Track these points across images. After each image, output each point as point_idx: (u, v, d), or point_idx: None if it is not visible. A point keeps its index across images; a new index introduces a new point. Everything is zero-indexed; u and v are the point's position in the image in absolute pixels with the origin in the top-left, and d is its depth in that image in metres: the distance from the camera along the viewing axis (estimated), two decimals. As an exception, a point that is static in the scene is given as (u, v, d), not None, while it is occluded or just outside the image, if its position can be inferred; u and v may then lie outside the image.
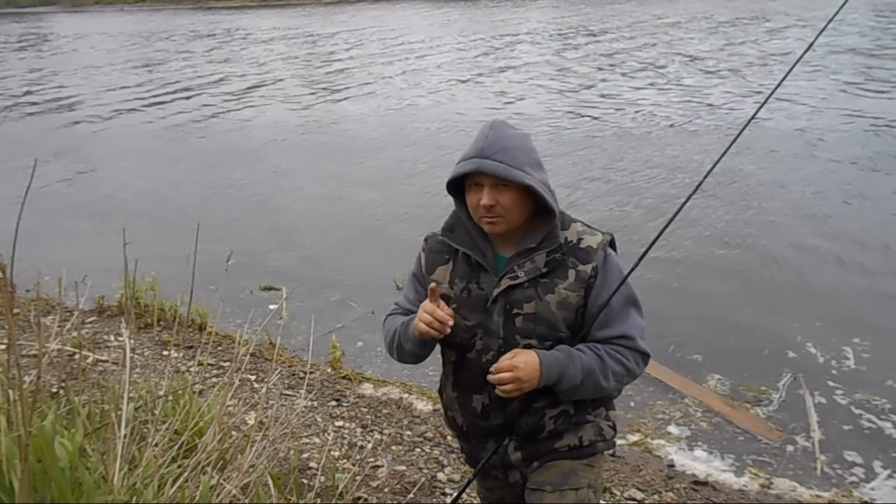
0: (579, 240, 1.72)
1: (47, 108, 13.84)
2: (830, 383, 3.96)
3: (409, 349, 1.80)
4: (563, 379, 1.67)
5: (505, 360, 1.65)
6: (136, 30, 31.11)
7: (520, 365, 1.63)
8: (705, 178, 1.91)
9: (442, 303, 1.71)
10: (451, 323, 1.68)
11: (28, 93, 15.59)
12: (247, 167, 9.10)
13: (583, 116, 10.73)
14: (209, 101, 13.70)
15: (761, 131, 9.05)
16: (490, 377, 1.66)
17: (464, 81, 14.33)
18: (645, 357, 1.76)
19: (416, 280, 1.89)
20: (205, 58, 20.52)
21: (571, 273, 1.69)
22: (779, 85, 2.13)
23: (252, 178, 8.63)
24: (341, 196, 7.81)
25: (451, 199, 1.80)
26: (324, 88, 14.46)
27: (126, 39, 27.27)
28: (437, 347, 1.85)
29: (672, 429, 3.57)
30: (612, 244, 1.75)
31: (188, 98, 14.05)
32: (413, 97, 12.91)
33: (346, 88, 14.20)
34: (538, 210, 1.71)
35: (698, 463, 3.28)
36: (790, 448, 3.43)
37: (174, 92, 14.83)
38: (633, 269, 1.73)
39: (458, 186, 1.76)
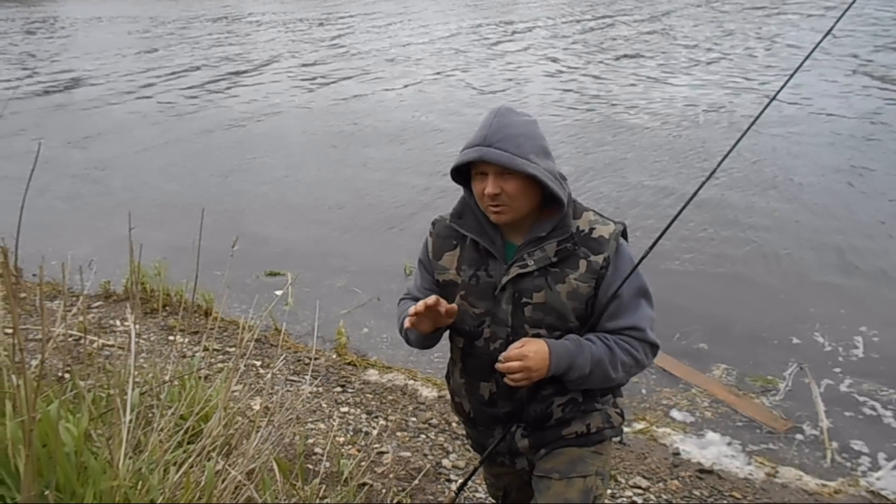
0: (591, 229, 1.69)
1: (53, 91, 13.83)
2: (838, 372, 3.95)
3: (413, 337, 1.80)
4: (571, 369, 1.65)
5: (514, 349, 1.63)
6: (143, 15, 31.00)
7: (529, 354, 1.62)
8: (714, 171, 1.88)
9: (442, 301, 1.68)
10: (418, 310, 1.64)
11: (35, 76, 15.57)
12: (253, 152, 9.08)
13: (599, 101, 10.65)
14: (216, 86, 13.65)
15: (779, 118, 8.98)
16: (499, 366, 1.64)
17: (477, 67, 14.22)
18: (654, 348, 1.74)
19: (422, 266, 1.87)
20: (213, 43, 20.44)
21: (582, 263, 1.67)
22: (786, 82, 2.09)
23: (258, 164, 8.61)
24: (348, 181, 7.78)
25: (459, 185, 1.79)
26: (333, 74, 14.39)
27: (134, 24, 27.19)
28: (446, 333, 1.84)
29: (677, 417, 3.57)
30: (624, 234, 1.73)
31: (195, 84, 14.00)
32: (426, 83, 12.80)
33: (356, 74, 14.12)
34: (547, 198, 1.69)
35: (704, 451, 3.28)
36: (797, 437, 3.41)
37: (181, 77, 14.78)
38: (642, 259, 1.71)
39: (465, 173, 1.74)
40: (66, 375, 2.41)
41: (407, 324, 1.69)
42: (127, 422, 1.82)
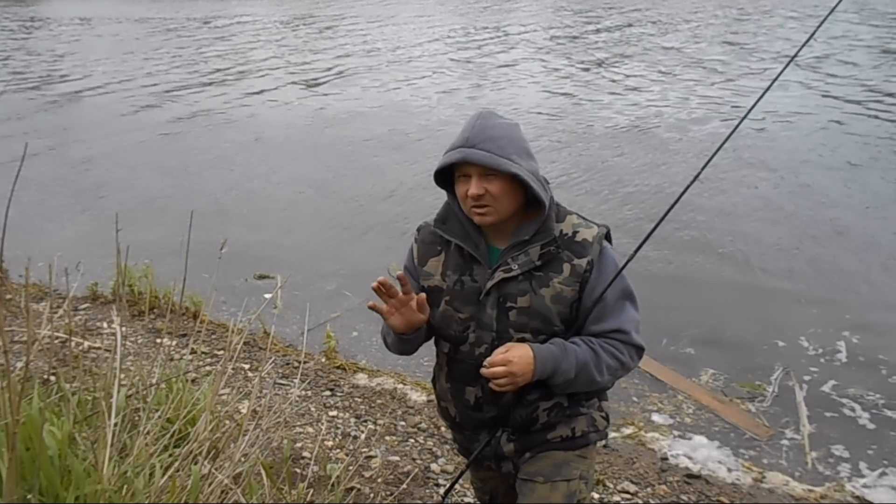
0: (574, 233, 1.69)
1: (43, 92, 13.74)
2: (824, 378, 3.97)
3: (391, 341, 1.80)
4: (556, 373, 1.66)
5: (499, 354, 1.63)
6: (130, 15, 30.87)
7: (514, 359, 1.62)
8: (697, 176, 1.88)
9: (412, 293, 1.68)
10: (379, 282, 1.64)
11: (24, 76, 15.46)
12: (244, 156, 9.06)
13: (586, 107, 10.70)
14: (206, 88, 13.61)
15: (770, 121, 9.05)
16: (483, 371, 1.64)
17: (472, 74, 14.25)
18: (639, 351, 1.75)
19: (407, 273, 1.86)
20: (201, 44, 20.38)
21: (566, 267, 1.67)
22: (766, 91, 2.08)
23: (249, 166, 8.58)
24: (339, 185, 7.77)
25: (442, 189, 1.78)
26: (324, 77, 14.38)
27: (120, 25, 27.06)
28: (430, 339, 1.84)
29: (666, 422, 3.58)
30: (607, 237, 1.73)
31: (185, 87, 13.95)
32: (419, 89, 12.79)
33: (347, 78, 14.11)
34: (530, 201, 1.69)
35: (692, 456, 3.29)
36: (783, 442, 3.44)
37: (172, 80, 14.72)
38: (627, 263, 1.71)
39: (448, 178, 1.73)
40: (52, 378, 2.39)
41: (370, 303, 1.67)
42: (112, 424, 1.81)
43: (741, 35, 17.59)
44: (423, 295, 1.69)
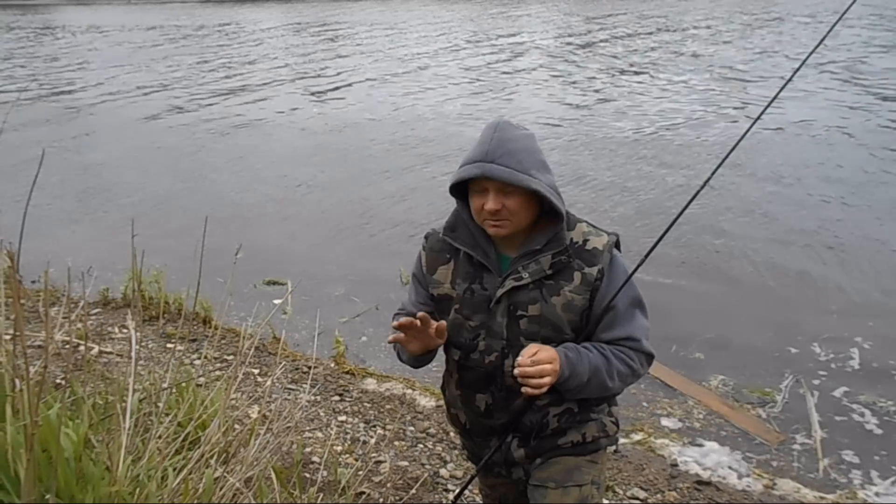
0: (585, 241, 1.69)
1: (57, 97, 13.88)
2: (835, 384, 3.95)
3: (406, 358, 1.80)
4: (572, 376, 1.65)
5: (537, 353, 1.57)
6: (148, 23, 31.13)
7: (556, 357, 1.59)
8: (705, 183, 1.88)
9: (430, 322, 1.65)
10: (402, 323, 1.62)
11: (39, 83, 15.62)
12: (254, 161, 9.11)
13: (593, 115, 10.71)
14: (218, 95, 13.71)
15: (775, 126, 9.02)
16: (527, 370, 1.55)
17: (473, 81, 14.29)
18: (650, 358, 1.75)
19: (416, 280, 1.86)
20: (213, 51, 20.53)
21: (577, 276, 1.67)
22: (771, 101, 2.08)
23: (257, 172, 8.64)
24: (348, 191, 7.81)
25: (455, 198, 1.78)
26: (335, 84, 14.45)
27: (140, 33, 27.30)
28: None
29: (676, 428, 3.57)
30: (617, 245, 1.73)
31: (197, 93, 14.06)
32: (427, 96, 12.84)
33: (358, 86, 14.17)
34: (544, 211, 1.68)
35: (702, 462, 3.28)
36: (794, 448, 3.42)
37: (184, 86, 14.84)
38: (635, 270, 1.71)
39: (461, 187, 1.73)
40: (66, 382, 2.42)
41: (391, 338, 1.66)
42: (126, 428, 1.83)
43: (751, 41, 17.56)
44: (444, 323, 1.69)
